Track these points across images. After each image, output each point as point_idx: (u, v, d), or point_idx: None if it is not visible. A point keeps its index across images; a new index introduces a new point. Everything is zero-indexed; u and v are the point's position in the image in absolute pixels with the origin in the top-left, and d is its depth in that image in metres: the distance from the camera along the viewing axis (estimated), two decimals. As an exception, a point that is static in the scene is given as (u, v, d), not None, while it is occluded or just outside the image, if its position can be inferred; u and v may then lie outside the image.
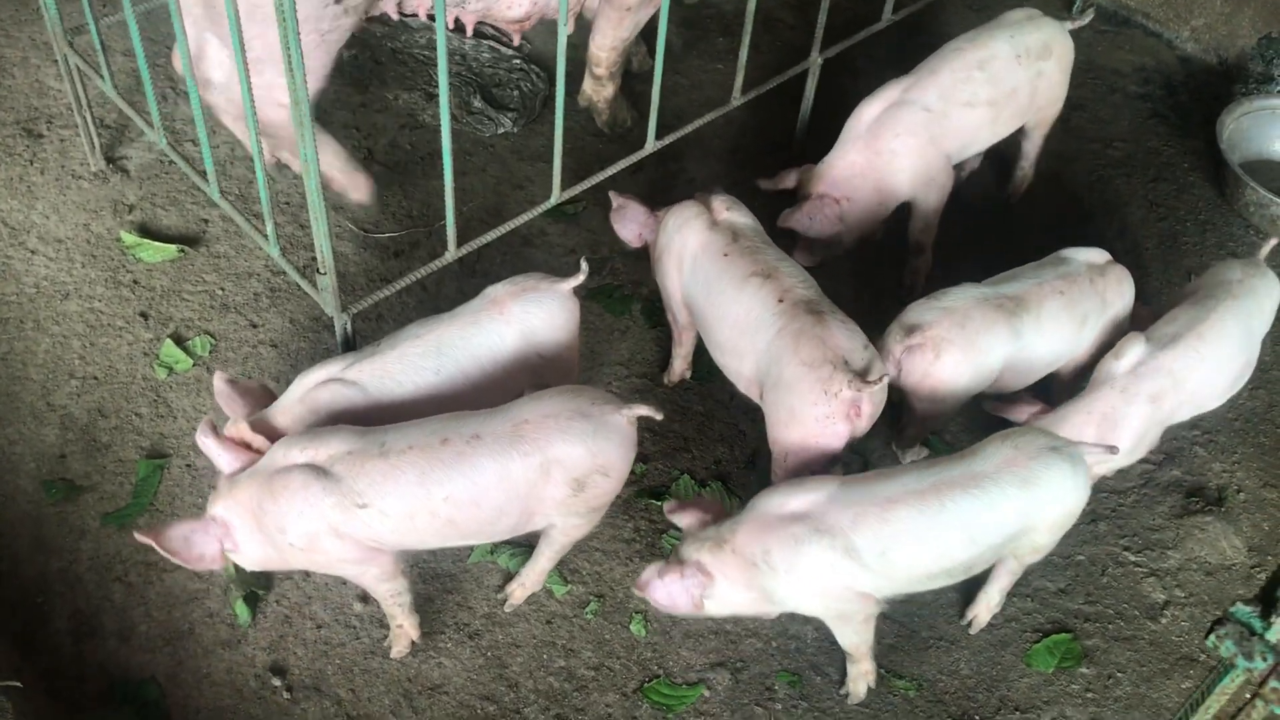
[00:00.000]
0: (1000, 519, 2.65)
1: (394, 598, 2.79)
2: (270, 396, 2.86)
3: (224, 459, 2.65)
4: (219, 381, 2.81)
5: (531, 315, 2.89)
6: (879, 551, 2.58)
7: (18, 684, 2.52)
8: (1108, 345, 3.19)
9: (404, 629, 2.88)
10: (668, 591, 2.61)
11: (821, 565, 2.58)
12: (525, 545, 3.06)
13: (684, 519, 2.76)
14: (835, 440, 2.89)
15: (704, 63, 4.49)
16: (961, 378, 3.07)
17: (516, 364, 2.91)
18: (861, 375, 2.83)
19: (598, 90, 4.09)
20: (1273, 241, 3.28)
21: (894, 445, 3.37)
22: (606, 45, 3.84)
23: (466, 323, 2.89)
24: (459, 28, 3.65)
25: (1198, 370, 3.04)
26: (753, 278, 3.00)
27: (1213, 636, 1.49)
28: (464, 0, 3.41)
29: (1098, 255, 3.28)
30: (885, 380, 2.86)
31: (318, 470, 2.54)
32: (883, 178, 3.51)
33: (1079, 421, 2.95)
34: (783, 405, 2.90)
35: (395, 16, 3.35)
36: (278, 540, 2.57)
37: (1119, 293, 3.26)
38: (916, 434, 3.29)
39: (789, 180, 3.57)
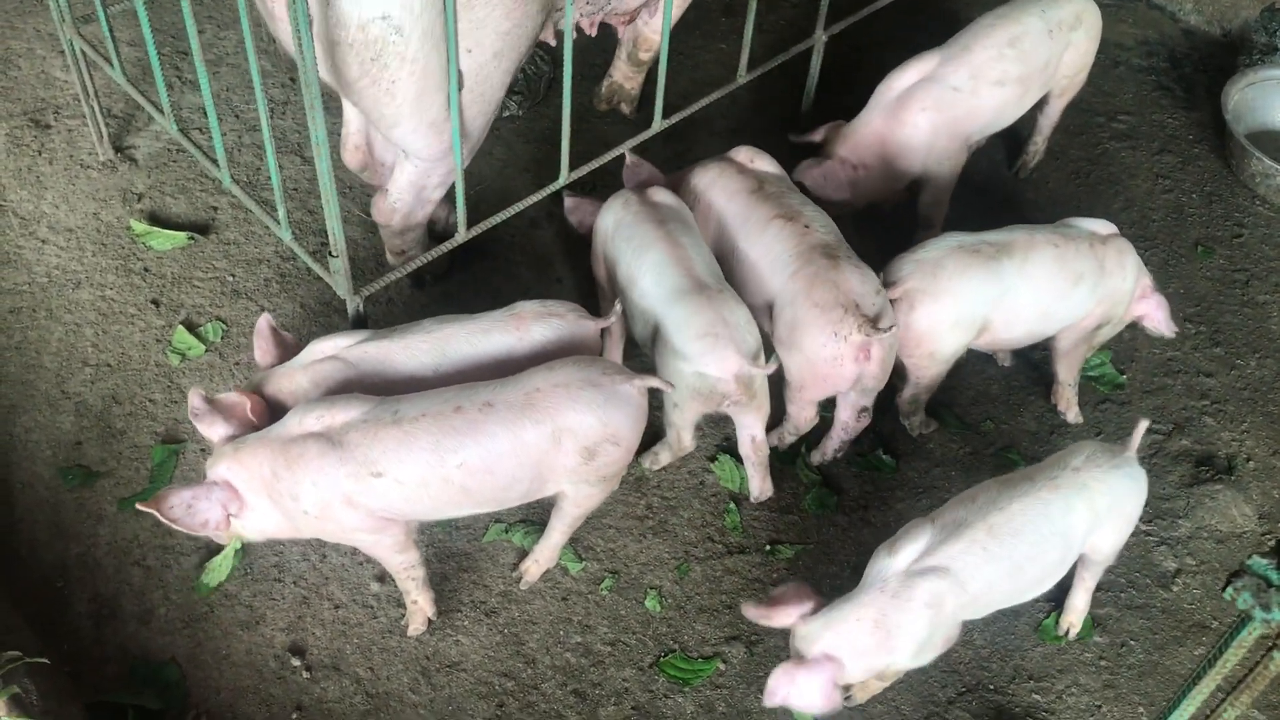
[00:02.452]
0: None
1: (407, 571, 2.81)
2: (296, 349, 2.91)
3: (217, 427, 2.68)
4: (195, 399, 2.73)
5: (548, 339, 2.87)
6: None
7: (45, 660, 2.54)
8: (1104, 331, 3.27)
9: (419, 605, 2.91)
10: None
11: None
12: (539, 523, 3.08)
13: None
14: (844, 381, 3.02)
15: (707, 42, 4.50)
16: (941, 326, 3.09)
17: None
18: (873, 321, 2.89)
19: (632, 78, 4.07)
20: (1144, 425, 2.78)
21: (900, 417, 3.39)
22: (661, 27, 3.83)
23: (478, 329, 2.88)
24: (579, 31, 3.55)
25: (983, 571, 2.57)
26: (776, 220, 3.11)
27: (1230, 589, 1.51)
28: (605, 6, 3.39)
29: (1103, 225, 3.29)
30: (895, 329, 2.94)
31: (332, 439, 2.56)
32: (900, 151, 3.54)
33: (849, 630, 2.52)
34: (795, 345, 3.00)
35: (553, 43, 3.35)
36: (290, 508, 2.59)
37: (1119, 264, 3.21)
38: (914, 396, 3.31)
39: (818, 134, 3.64)
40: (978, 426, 3.48)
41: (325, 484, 2.56)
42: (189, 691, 2.86)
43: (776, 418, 3.22)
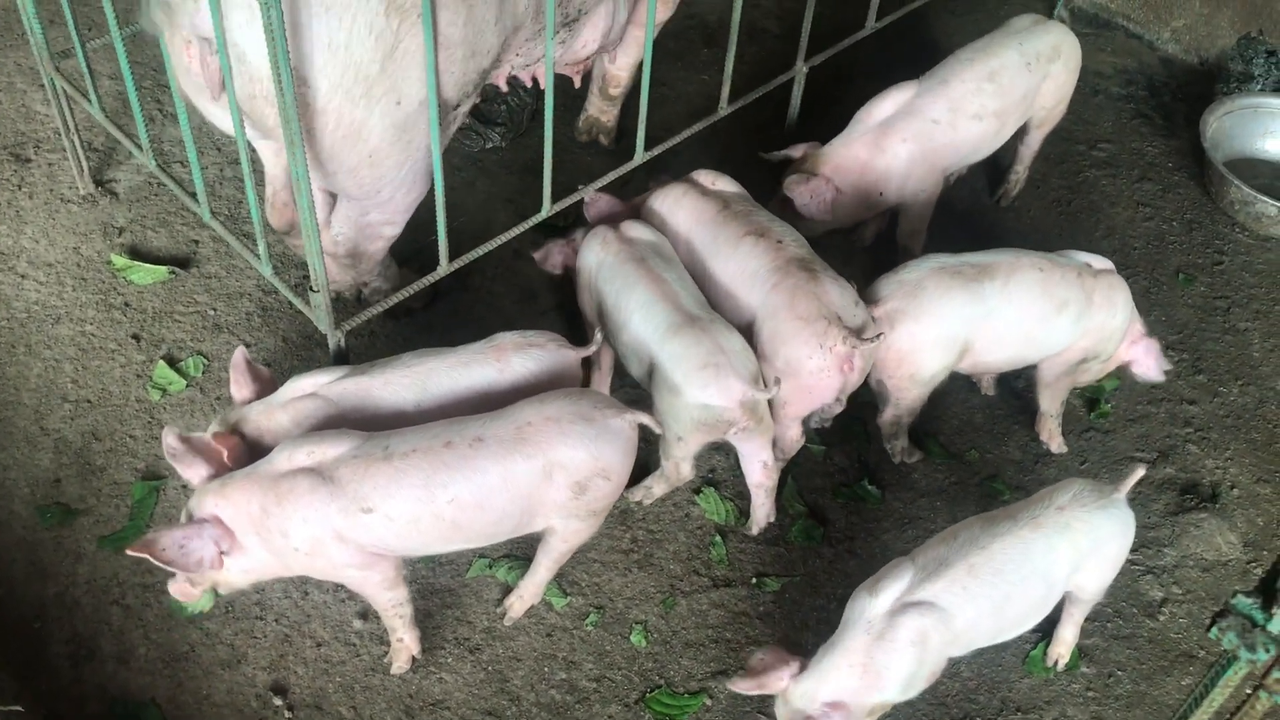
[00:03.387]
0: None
1: (395, 608, 2.78)
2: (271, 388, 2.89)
3: (196, 468, 2.67)
4: (170, 439, 2.71)
5: (529, 372, 2.86)
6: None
7: (19, 709, 2.50)
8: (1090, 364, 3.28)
9: (405, 643, 2.88)
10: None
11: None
12: (524, 558, 3.06)
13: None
14: (829, 392, 3.03)
15: (689, 74, 4.51)
16: (922, 346, 3.10)
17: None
18: (854, 331, 2.93)
19: (607, 111, 4.10)
20: (1140, 471, 2.78)
21: (884, 441, 3.39)
22: (629, 65, 3.86)
23: (458, 362, 2.87)
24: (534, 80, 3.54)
25: (966, 609, 2.56)
26: (747, 237, 3.13)
27: (1215, 629, 1.50)
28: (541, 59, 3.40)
29: (1098, 260, 3.28)
30: (880, 338, 2.98)
31: (323, 475, 2.54)
32: (879, 178, 3.56)
33: (839, 677, 2.51)
34: (779, 357, 3.00)
35: (504, 89, 3.36)
36: (279, 545, 2.57)
37: (1108, 299, 3.20)
38: (895, 418, 3.31)
39: (796, 151, 3.65)
40: (962, 456, 3.48)
41: (316, 520, 2.54)
42: (169, 733, 2.82)
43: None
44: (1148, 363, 3.34)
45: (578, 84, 3.82)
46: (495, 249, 3.34)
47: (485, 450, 2.59)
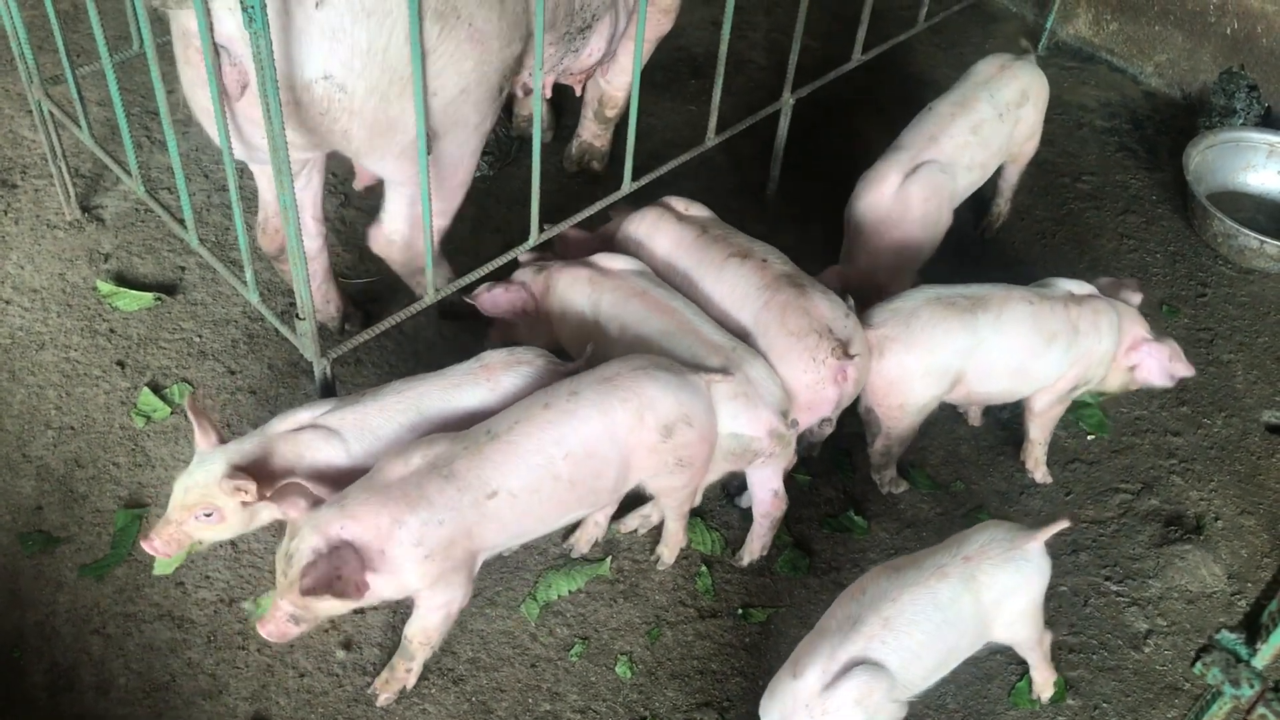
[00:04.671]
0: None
1: (437, 636, 2.77)
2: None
3: (297, 505, 2.59)
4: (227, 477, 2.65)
5: (519, 390, 2.87)
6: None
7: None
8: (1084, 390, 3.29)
9: (411, 674, 2.88)
10: None
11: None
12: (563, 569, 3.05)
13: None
14: (825, 405, 3.05)
15: (676, 104, 4.54)
16: (912, 375, 3.12)
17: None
18: (845, 344, 2.97)
19: (600, 135, 4.13)
20: (1063, 524, 2.72)
21: (872, 471, 3.39)
22: (625, 84, 3.89)
23: (450, 384, 2.88)
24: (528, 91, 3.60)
25: (888, 659, 2.51)
26: (732, 259, 3.16)
27: (1199, 664, 1.50)
28: (557, 65, 3.43)
29: (1079, 286, 3.31)
30: (868, 351, 3.03)
31: (442, 472, 2.55)
32: (908, 239, 3.56)
33: None
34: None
35: (520, 94, 3.39)
36: (410, 555, 2.53)
37: (1093, 324, 3.23)
38: (886, 448, 3.32)
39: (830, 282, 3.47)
40: (948, 487, 3.48)
41: (451, 519, 2.55)
42: (148, 765, 2.79)
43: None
44: (1150, 366, 3.31)
45: (579, 92, 3.85)
46: (482, 277, 3.34)
47: (583, 400, 2.68)
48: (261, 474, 2.68)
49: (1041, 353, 3.18)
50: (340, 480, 2.72)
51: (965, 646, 2.70)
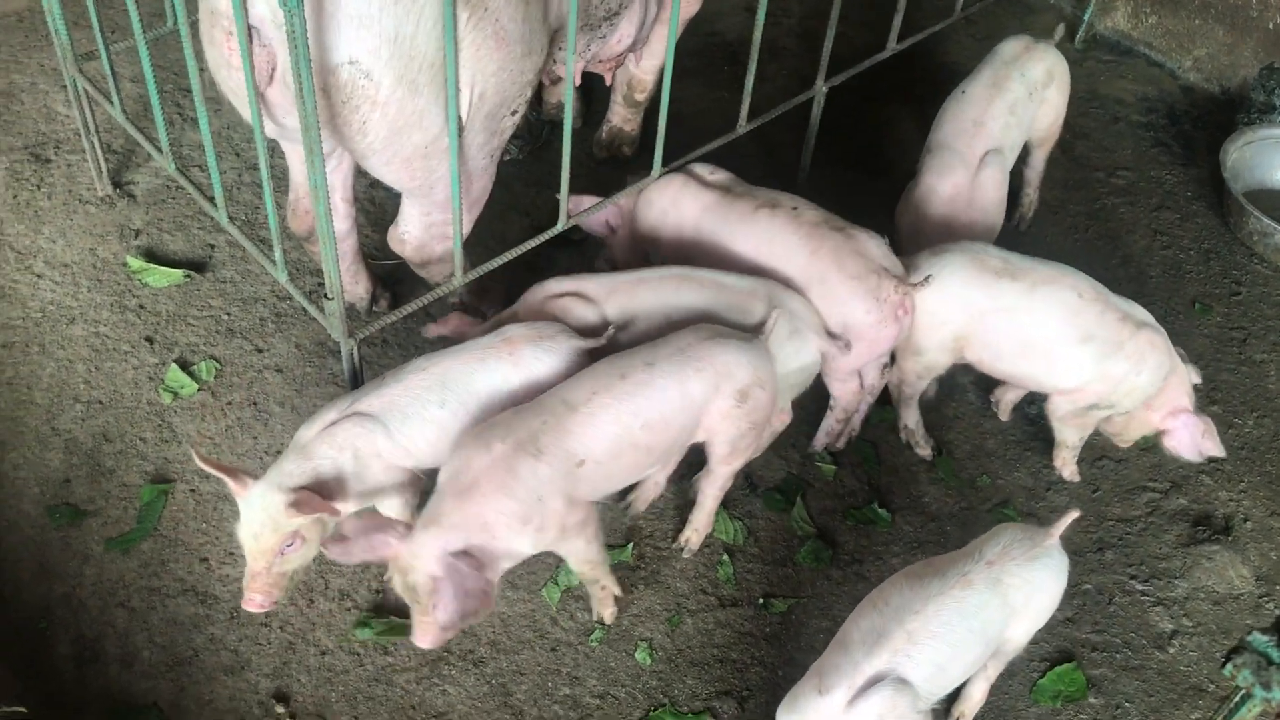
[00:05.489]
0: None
1: (596, 551, 2.81)
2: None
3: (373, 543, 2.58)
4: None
5: (541, 364, 2.87)
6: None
7: (23, 709, 2.50)
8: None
9: (608, 588, 2.97)
10: None
11: None
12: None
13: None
14: (888, 342, 3.15)
15: (708, 91, 4.52)
16: (922, 313, 3.14)
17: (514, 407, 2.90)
18: (902, 277, 3.08)
19: (630, 120, 4.12)
20: (1074, 515, 2.67)
21: (894, 404, 3.44)
22: (654, 67, 3.88)
23: (473, 359, 2.88)
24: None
25: (913, 673, 2.46)
26: (761, 209, 3.22)
27: (1230, 665, 1.48)
28: (585, 52, 3.43)
29: (1141, 312, 3.21)
30: (929, 279, 3.08)
31: (530, 452, 2.58)
32: (984, 213, 3.57)
33: None
34: (835, 318, 3.10)
35: (547, 82, 3.39)
36: (523, 534, 2.59)
37: (1139, 353, 3.11)
38: (898, 384, 3.36)
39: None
40: (974, 481, 3.46)
41: (549, 491, 2.59)
42: (170, 738, 2.81)
43: (811, 424, 3.33)
44: (1181, 438, 3.24)
45: (609, 80, 3.84)
46: (509, 261, 3.33)
47: (660, 371, 2.74)
48: (312, 484, 2.65)
49: (1070, 348, 3.12)
50: (388, 468, 2.75)
51: (989, 653, 2.68)
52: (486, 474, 2.56)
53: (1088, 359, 3.12)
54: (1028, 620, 2.68)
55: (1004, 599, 2.59)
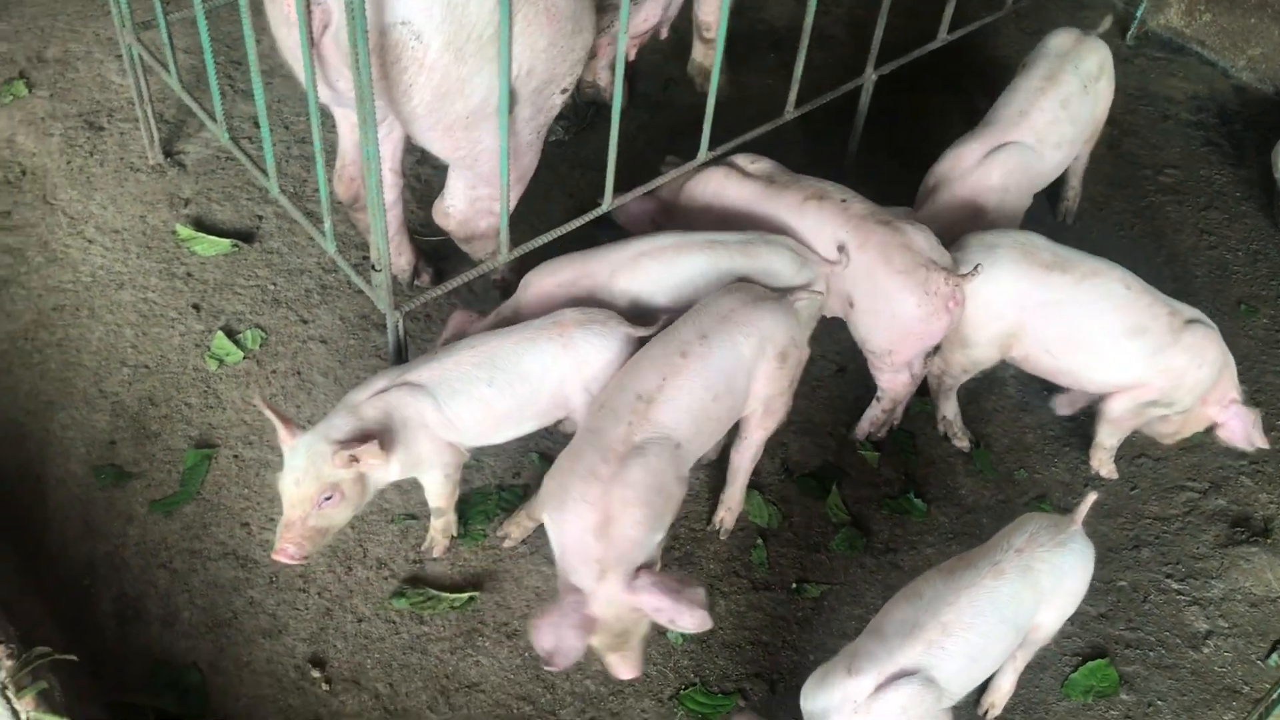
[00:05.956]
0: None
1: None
2: None
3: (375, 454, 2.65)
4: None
5: (591, 348, 2.90)
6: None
7: (73, 657, 2.54)
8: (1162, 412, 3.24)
9: (733, 508, 3.18)
10: None
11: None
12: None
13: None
14: (938, 334, 3.15)
15: (756, 77, 4.51)
16: (973, 305, 3.11)
17: (564, 391, 2.93)
18: (951, 269, 3.07)
19: (709, 55, 4.21)
20: (1092, 497, 2.70)
21: (931, 396, 3.44)
22: (715, 6, 3.93)
23: (523, 339, 2.90)
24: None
25: (945, 667, 2.48)
26: (809, 201, 3.21)
27: (1275, 655, 1.48)
28: (612, 28, 3.43)
29: (1192, 311, 3.20)
30: (978, 268, 3.07)
31: (640, 452, 2.62)
32: (979, 213, 3.52)
33: None
34: (884, 313, 3.13)
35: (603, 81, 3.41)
36: (656, 530, 2.65)
37: (1197, 347, 3.12)
38: (940, 374, 3.35)
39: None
40: (1011, 475, 3.45)
41: (668, 483, 2.68)
42: (209, 697, 2.85)
43: (850, 412, 3.36)
44: (1235, 428, 3.23)
45: (631, 56, 3.86)
46: (552, 240, 3.35)
47: (715, 342, 2.79)
48: (362, 440, 2.67)
49: (1119, 342, 3.10)
50: (433, 439, 2.79)
51: (1018, 642, 2.68)
52: (613, 500, 2.58)
53: (1139, 352, 3.11)
54: (1057, 607, 2.69)
55: (1034, 585, 2.60)
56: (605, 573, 2.55)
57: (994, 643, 2.56)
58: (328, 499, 2.65)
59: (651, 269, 3.08)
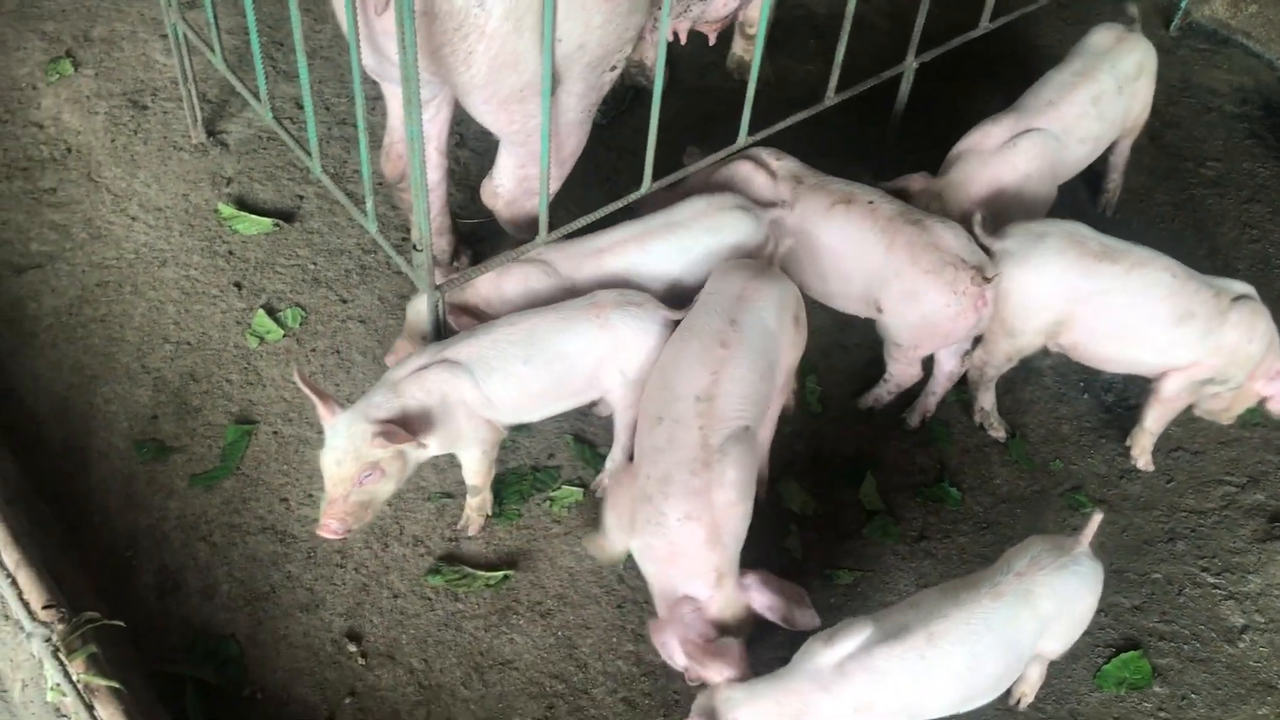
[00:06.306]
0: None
1: None
2: None
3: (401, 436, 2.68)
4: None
5: (628, 330, 2.92)
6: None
7: (120, 623, 2.59)
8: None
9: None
10: None
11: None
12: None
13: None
14: (966, 332, 3.16)
15: (795, 64, 4.50)
16: (1019, 294, 3.11)
17: (599, 372, 2.96)
18: (980, 270, 3.04)
19: (749, 50, 4.21)
20: (1098, 518, 2.64)
21: (970, 388, 3.43)
22: (757, 4, 3.88)
23: (561, 318, 2.93)
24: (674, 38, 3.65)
25: (920, 679, 2.44)
26: (837, 206, 3.20)
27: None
28: (688, 9, 3.45)
29: (1241, 286, 3.20)
30: (999, 275, 3.07)
31: (719, 454, 2.66)
32: (1000, 195, 3.49)
33: (769, 711, 2.41)
34: (913, 313, 3.13)
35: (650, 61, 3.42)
36: (749, 501, 2.73)
37: (1248, 323, 3.12)
38: (981, 365, 3.31)
39: (913, 183, 3.50)
40: (1047, 466, 3.44)
41: (755, 466, 2.78)
42: (247, 668, 2.89)
43: (869, 380, 3.38)
44: None
45: (712, 41, 3.89)
46: (591, 224, 3.36)
47: (745, 325, 2.82)
48: (401, 419, 2.71)
49: (1169, 328, 3.10)
50: (471, 416, 2.81)
51: (1019, 667, 2.63)
52: (717, 508, 2.61)
53: (1191, 336, 3.12)
54: (1062, 631, 2.64)
55: (1034, 610, 2.54)
56: (721, 578, 2.60)
57: (985, 664, 2.50)
58: (368, 476, 2.68)
59: (615, 265, 3.10)
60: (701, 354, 2.77)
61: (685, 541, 2.60)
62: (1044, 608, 2.56)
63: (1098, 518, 2.65)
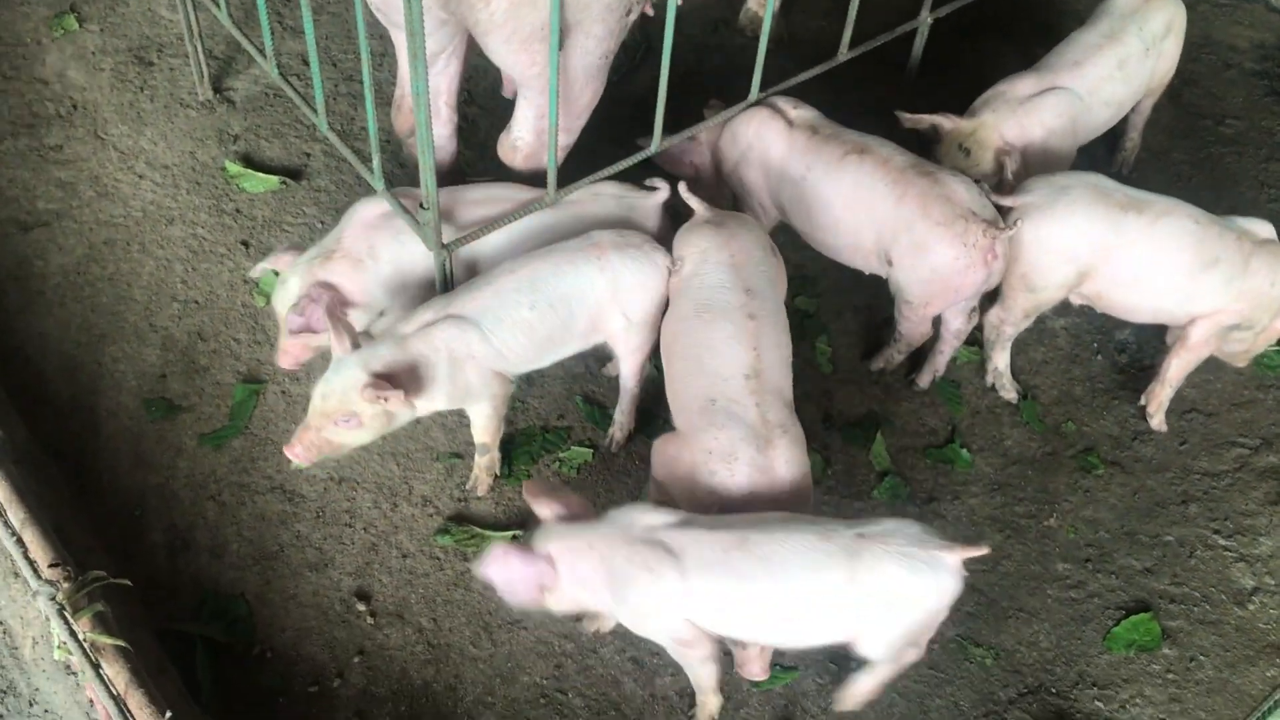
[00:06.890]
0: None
1: None
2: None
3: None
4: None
5: (627, 271, 2.92)
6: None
7: (128, 581, 2.60)
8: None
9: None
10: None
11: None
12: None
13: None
14: (975, 287, 3.11)
15: (807, 19, 4.44)
16: (1043, 248, 3.08)
17: (601, 314, 2.95)
18: (991, 223, 3.01)
19: (763, 5, 4.15)
20: (984, 550, 2.52)
21: (984, 349, 3.41)
22: None
23: (561, 261, 2.91)
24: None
25: (720, 580, 2.42)
26: (849, 156, 3.17)
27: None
28: None
29: (1263, 227, 3.20)
30: (1018, 225, 3.03)
31: (779, 432, 2.69)
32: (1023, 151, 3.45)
33: (576, 549, 2.45)
34: (923, 265, 3.08)
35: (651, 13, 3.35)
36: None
37: (1269, 266, 3.12)
38: (999, 322, 3.28)
39: (945, 121, 3.45)
40: (1058, 427, 3.41)
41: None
42: (256, 627, 2.91)
43: (879, 341, 3.38)
44: None
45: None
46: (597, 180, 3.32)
47: (758, 292, 2.86)
48: (401, 375, 2.71)
49: (1196, 275, 3.09)
50: (480, 370, 2.81)
51: (826, 632, 2.50)
52: (788, 486, 2.64)
53: (1218, 282, 3.10)
54: (877, 621, 2.45)
55: (851, 577, 2.38)
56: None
57: (786, 599, 2.40)
58: (346, 420, 2.68)
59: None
60: (736, 333, 2.77)
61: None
62: (864, 580, 2.38)
63: (983, 549, 2.48)
